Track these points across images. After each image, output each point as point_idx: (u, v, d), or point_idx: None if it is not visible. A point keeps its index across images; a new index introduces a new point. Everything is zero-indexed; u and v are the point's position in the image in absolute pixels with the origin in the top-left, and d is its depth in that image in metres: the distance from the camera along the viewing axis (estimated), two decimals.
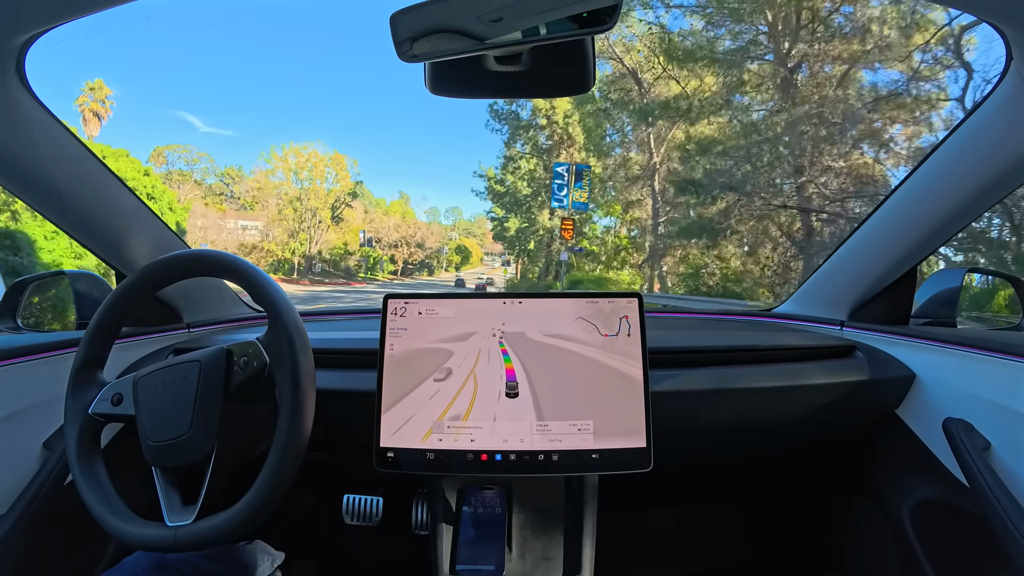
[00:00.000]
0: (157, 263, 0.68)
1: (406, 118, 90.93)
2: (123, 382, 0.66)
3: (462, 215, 74.38)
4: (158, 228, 0.94)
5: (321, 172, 33.96)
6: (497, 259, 69.37)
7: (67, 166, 0.75)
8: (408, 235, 45.96)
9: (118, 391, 0.66)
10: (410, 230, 46.50)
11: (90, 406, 0.65)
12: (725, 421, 0.85)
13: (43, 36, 0.59)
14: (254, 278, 0.64)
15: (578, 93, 0.63)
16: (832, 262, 1.04)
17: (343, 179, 35.83)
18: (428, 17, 0.50)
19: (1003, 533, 0.63)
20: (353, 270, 39.16)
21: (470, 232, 74.20)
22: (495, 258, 71.20)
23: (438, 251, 55.00)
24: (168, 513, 0.60)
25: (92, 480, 0.63)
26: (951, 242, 0.85)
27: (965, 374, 0.75)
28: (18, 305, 0.94)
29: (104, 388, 0.66)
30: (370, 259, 40.64)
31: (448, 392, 0.70)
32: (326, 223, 34.85)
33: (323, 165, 34.18)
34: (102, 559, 0.84)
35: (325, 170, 34.24)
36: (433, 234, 53.68)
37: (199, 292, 1.06)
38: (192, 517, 0.59)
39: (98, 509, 0.61)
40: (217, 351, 0.63)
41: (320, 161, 34.02)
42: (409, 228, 46.66)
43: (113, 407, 0.65)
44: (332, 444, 0.89)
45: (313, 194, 33.64)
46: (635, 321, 0.72)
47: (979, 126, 0.70)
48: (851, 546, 1.01)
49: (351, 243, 38.46)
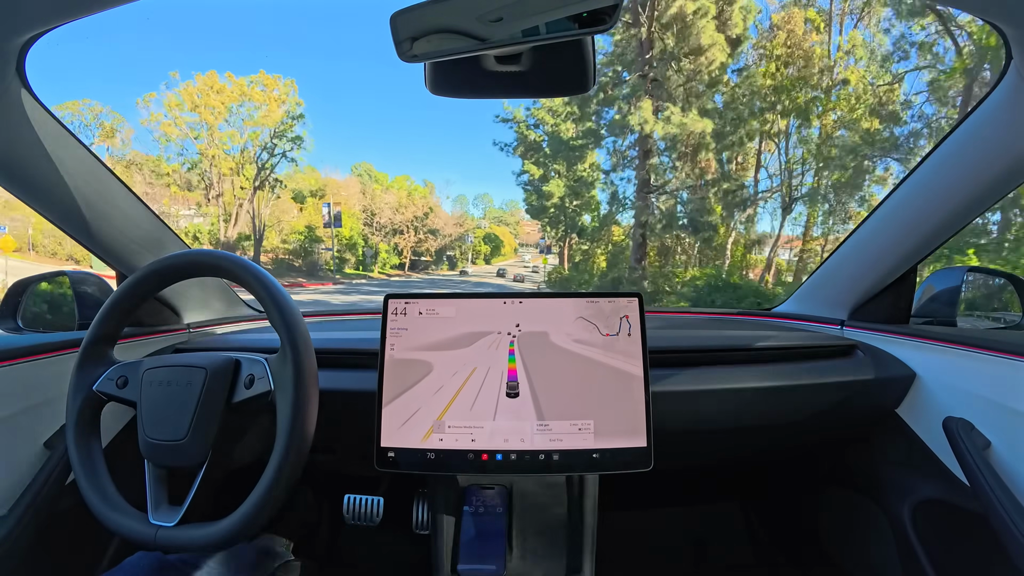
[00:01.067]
0: (190, 252, 0.68)
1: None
2: (131, 366, 0.67)
3: (492, 203, 69.10)
4: (158, 228, 0.94)
5: (224, 105, 20.37)
6: (529, 251, 61.47)
7: (67, 166, 0.75)
8: (415, 218, 34.01)
9: (124, 374, 0.66)
10: (418, 210, 34.35)
11: (96, 382, 0.65)
12: (726, 420, 0.85)
13: (43, 36, 0.59)
14: (276, 300, 0.62)
15: (578, 93, 0.63)
16: (832, 262, 1.04)
17: (271, 111, 21.28)
18: (428, 17, 0.50)
19: (1003, 532, 0.63)
20: (323, 264, 27.35)
21: (501, 220, 67.22)
22: (528, 249, 63.37)
23: (460, 239, 43.54)
24: (153, 510, 0.60)
25: (85, 456, 0.63)
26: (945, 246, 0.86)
27: (965, 373, 0.76)
28: (18, 305, 0.94)
29: (112, 367, 0.67)
30: (358, 248, 29.20)
31: (449, 392, 0.70)
32: (247, 187, 21.59)
33: (238, 93, 20.81)
34: (103, 559, 0.84)
35: (238, 104, 20.86)
36: (456, 222, 42.95)
37: (199, 292, 1.06)
38: (176, 519, 0.59)
39: (86, 487, 0.61)
40: (225, 362, 0.63)
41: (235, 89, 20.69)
42: (417, 208, 34.31)
43: (117, 389, 0.65)
44: (333, 444, 0.89)
45: (210, 138, 20.72)
46: (635, 321, 0.72)
47: (979, 125, 0.70)
48: (851, 545, 1.02)
49: (317, 222, 26.64)
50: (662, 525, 1.35)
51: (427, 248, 36.77)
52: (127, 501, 0.62)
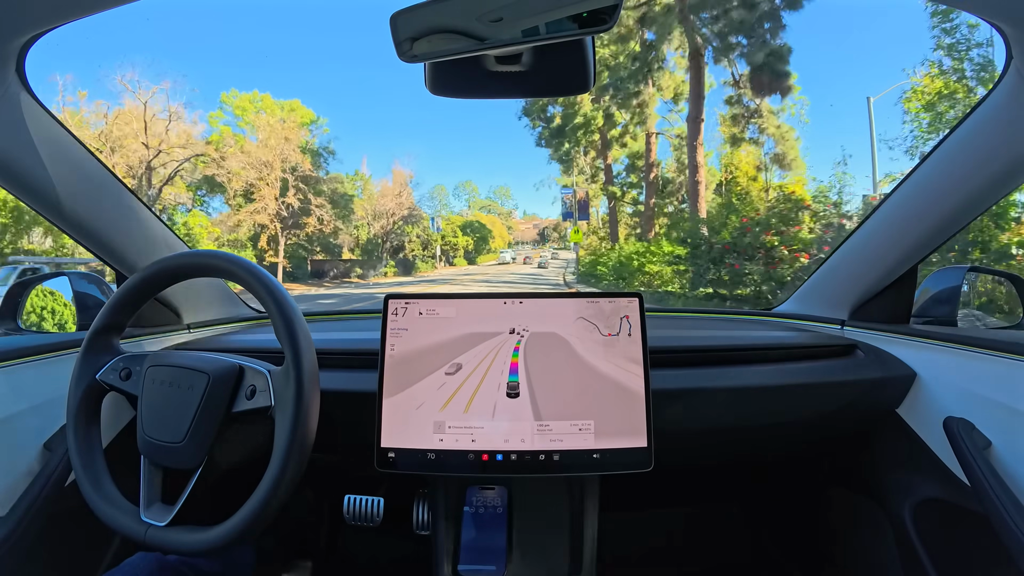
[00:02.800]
0: (194, 252, 0.68)
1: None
2: (136, 358, 0.67)
3: (477, 191, 55.05)
4: (159, 229, 0.94)
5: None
6: (524, 249, 50.31)
7: (67, 166, 0.75)
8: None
9: (128, 366, 0.66)
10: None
11: (100, 371, 0.65)
12: (726, 420, 0.85)
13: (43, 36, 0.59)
14: (280, 305, 0.62)
15: (578, 93, 0.64)
16: (832, 261, 1.04)
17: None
18: (428, 17, 0.50)
19: (1004, 532, 0.63)
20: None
21: (489, 209, 54.52)
22: (522, 249, 52.02)
23: (412, 224, 27.24)
24: (145, 507, 0.60)
25: (84, 445, 0.63)
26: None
27: (966, 373, 0.75)
28: (18, 305, 0.94)
29: (117, 357, 0.67)
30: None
31: (449, 392, 0.70)
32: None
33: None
34: (104, 560, 0.84)
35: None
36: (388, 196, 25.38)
37: (199, 292, 1.06)
38: (168, 519, 0.59)
39: (82, 476, 0.61)
40: (228, 369, 0.63)
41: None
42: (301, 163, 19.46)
43: (121, 380, 0.66)
44: (333, 445, 0.89)
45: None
46: (636, 321, 0.72)
47: (979, 125, 0.70)
48: (852, 545, 1.01)
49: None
50: (662, 525, 1.35)
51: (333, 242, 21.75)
52: (125, 498, 0.62)
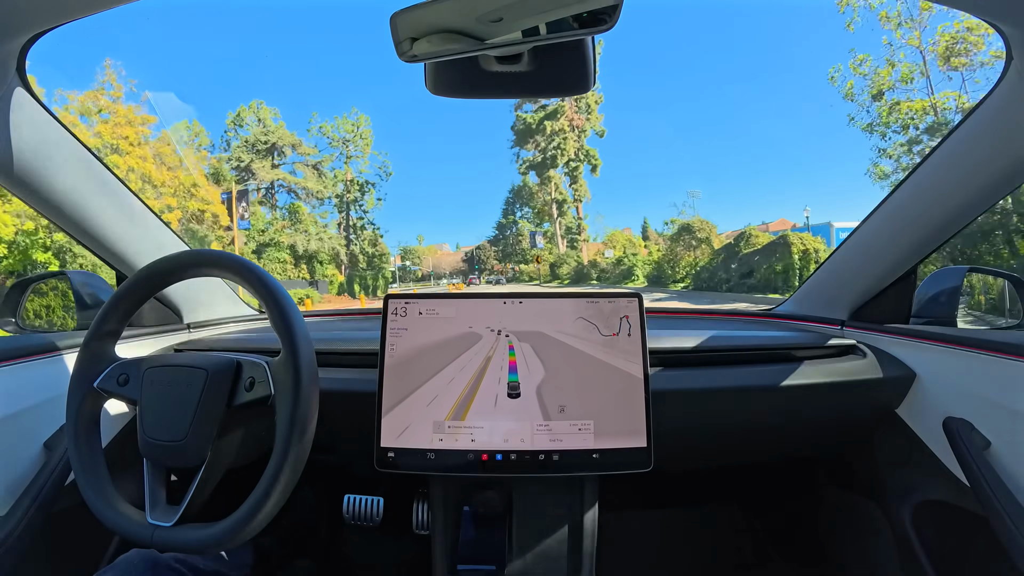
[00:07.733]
0: (192, 251, 0.68)
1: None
2: (133, 364, 0.66)
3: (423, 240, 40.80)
4: (158, 228, 0.94)
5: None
6: (448, 280, 37.65)
7: (68, 166, 0.75)
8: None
9: (126, 372, 0.66)
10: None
11: (97, 379, 0.65)
12: (726, 421, 0.85)
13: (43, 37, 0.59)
14: (278, 301, 0.61)
15: (578, 93, 0.64)
16: (832, 262, 1.04)
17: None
18: (428, 17, 0.50)
19: (1003, 532, 0.63)
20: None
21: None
22: (444, 280, 38.74)
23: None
24: (151, 509, 0.60)
25: (85, 453, 0.63)
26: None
27: (965, 373, 0.75)
28: (19, 305, 0.94)
29: (113, 365, 0.67)
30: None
31: (449, 392, 0.70)
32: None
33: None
34: (103, 560, 0.84)
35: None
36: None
37: (199, 292, 1.06)
38: (174, 519, 0.59)
39: (84, 484, 0.61)
40: (226, 364, 0.63)
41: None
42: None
43: (119, 386, 0.65)
44: (333, 444, 0.89)
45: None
46: (635, 321, 0.72)
47: (979, 126, 0.70)
48: (852, 546, 1.01)
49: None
50: (662, 525, 1.35)
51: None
52: (127, 501, 0.62)
